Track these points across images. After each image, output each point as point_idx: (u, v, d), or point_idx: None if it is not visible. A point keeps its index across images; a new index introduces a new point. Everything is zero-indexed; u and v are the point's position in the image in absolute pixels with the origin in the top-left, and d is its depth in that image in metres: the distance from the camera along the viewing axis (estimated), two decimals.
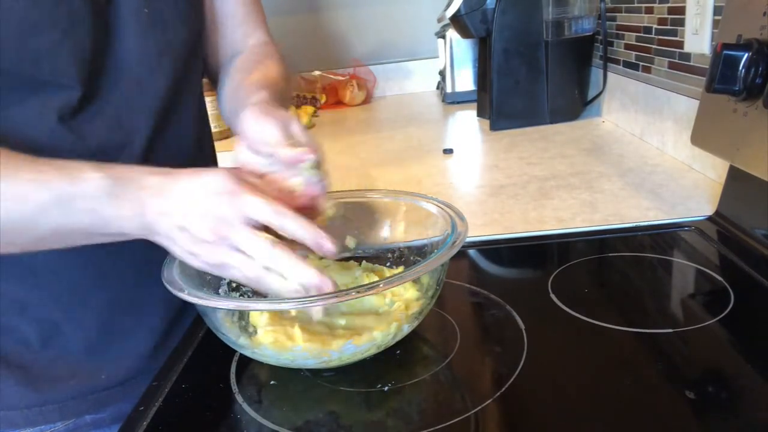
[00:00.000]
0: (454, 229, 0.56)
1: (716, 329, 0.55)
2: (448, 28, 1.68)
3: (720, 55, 0.65)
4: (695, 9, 0.95)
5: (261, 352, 0.53)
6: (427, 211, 0.63)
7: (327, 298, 0.46)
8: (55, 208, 0.46)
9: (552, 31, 1.35)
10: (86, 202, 0.47)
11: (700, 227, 0.76)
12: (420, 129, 1.53)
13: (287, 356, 0.53)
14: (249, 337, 0.56)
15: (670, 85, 1.07)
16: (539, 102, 1.40)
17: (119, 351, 0.63)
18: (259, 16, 0.79)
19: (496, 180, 1.05)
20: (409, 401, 0.51)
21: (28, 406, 0.60)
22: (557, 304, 0.62)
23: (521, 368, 0.52)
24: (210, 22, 0.73)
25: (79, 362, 0.62)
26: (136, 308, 0.64)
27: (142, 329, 0.65)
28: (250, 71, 0.68)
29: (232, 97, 0.67)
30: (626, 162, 1.07)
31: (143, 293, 0.64)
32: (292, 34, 2.01)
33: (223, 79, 0.73)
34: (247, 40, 0.76)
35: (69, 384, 0.62)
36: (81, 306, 0.61)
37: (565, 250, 0.79)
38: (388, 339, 0.53)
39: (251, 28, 0.77)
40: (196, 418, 0.51)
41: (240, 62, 0.72)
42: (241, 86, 0.65)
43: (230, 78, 0.71)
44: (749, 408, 0.46)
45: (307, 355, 0.52)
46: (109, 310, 0.62)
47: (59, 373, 0.61)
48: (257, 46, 0.75)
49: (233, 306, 0.54)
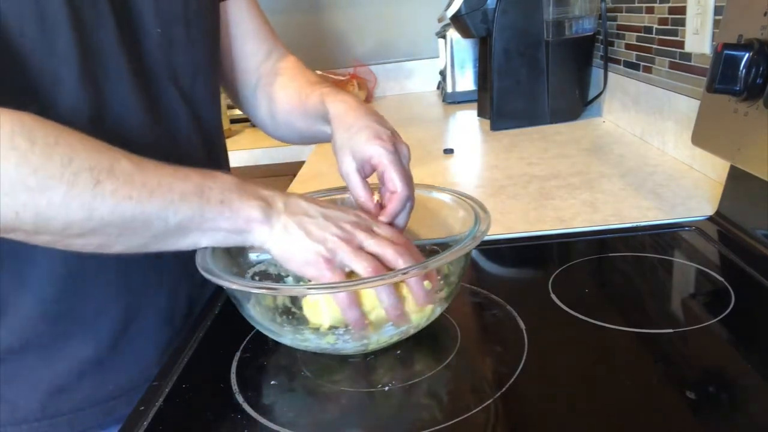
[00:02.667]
0: (477, 219, 0.58)
1: (717, 329, 0.55)
2: (448, 27, 1.68)
3: (721, 55, 0.64)
4: (696, 9, 0.95)
5: (302, 337, 0.54)
6: (443, 202, 0.64)
7: (377, 280, 0.50)
8: (194, 195, 0.49)
9: (552, 31, 1.35)
10: (218, 193, 0.50)
11: (700, 227, 0.76)
12: (420, 129, 1.53)
13: (328, 339, 0.53)
14: (292, 323, 0.56)
15: (671, 85, 1.07)
16: (540, 102, 1.40)
17: (127, 361, 0.63)
18: (272, 31, 0.83)
19: (497, 180, 1.05)
20: (410, 401, 0.51)
21: (38, 419, 0.60)
22: (558, 304, 0.61)
23: (522, 368, 0.52)
24: (226, 42, 0.76)
25: (89, 374, 0.62)
26: (145, 318, 0.64)
27: (149, 338, 0.64)
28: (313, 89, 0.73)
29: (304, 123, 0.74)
30: (627, 162, 1.07)
31: (151, 302, 0.64)
32: (292, 34, 2.01)
33: (271, 102, 0.79)
34: (271, 57, 0.81)
35: (77, 396, 0.62)
36: (96, 317, 0.61)
37: (565, 250, 0.79)
38: (423, 321, 0.55)
39: (271, 45, 0.81)
40: (196, 418, 0.51)
41: (295, 93, 0.76)
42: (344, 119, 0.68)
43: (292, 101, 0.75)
44: (749, 408, 0.46)
45: (348, 338, 0.53)
46: (123, 320, 0.62)
47: (69, 386, 0.61)
48: (292, 61, 0.82)
49: (296, 292, 0.57)
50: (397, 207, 0.59)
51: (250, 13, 0.79)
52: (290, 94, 0.75)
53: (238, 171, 1.51)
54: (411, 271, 0.50)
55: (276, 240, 0.52)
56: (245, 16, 0.78)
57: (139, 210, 0.47)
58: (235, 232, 0.51)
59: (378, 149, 0.59)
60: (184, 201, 0.48)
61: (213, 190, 0.50)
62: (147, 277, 0.63)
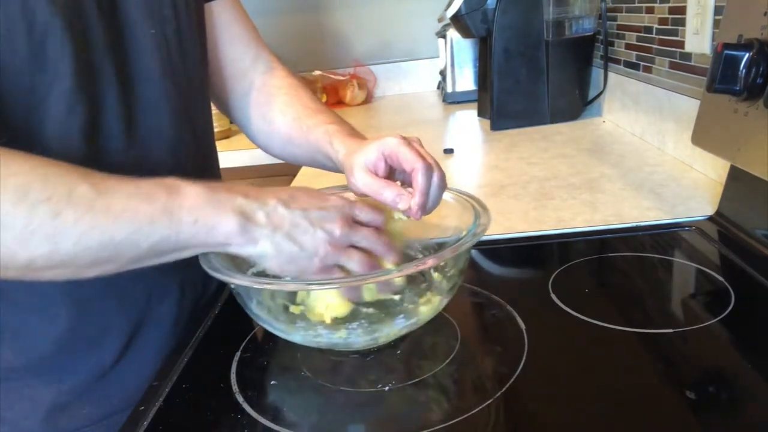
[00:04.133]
0: (477, 215, 0.58)
1: (717, 329, 0.55)
2: (448, 27, 1.68)
3: (721, 55, 0.64)
4: (696, 9, 0.95)
5: (315, 333, 0.54)
6: (452, 203, 0.63)
7: (382, 275, 0.52)
8: (164, 217, 0.46)
9: (553, 31, 1.35)
10: (189, 212, 0.47)
11: (700, 227, 0.76)
12: (420, 129, 1.53)
13: (340, 334, 0.53)
14: (305, 319, 0.56)
15: (671, 85, 1.07)
16: (540, 102, 1.40)
17: (132, 373, 0.63)
18: (257, 34, 0.80)
19: (497, 180, 1.05)
20: (410, 401, 0.51)
21: None
22: (558, 304, 0.61)
23: (522, 368, 0.52)
24: (211, 45, 0.73)
25: (92, 389, 0.61)
26: (150, 329, 0.63)
27: (155, 349, 0.64)
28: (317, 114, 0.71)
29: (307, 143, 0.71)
30: (627, 162, 1.07)
31: (156, 314, 0.64)
32: (292, 34, 2.01)
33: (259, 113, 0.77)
34: (258, 63, 0.78)
35: (82, 412, 0.61)
36: (102, 333, 0.60)
37: (565, 250, 0.79)
38: (433, 312, 0.56)
39: (257, 49, 0.78)
40: (196, 418, 0.51)
41: (298, 108, 0.73)
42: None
43: (288, 116, 0.73)
44: (749, 408, 0.46)
45: (360, 332, 0.53)
46: (125, 333, 0.62)
47: (75, 403, 0.61)
48: (284, 78, 0.78)
49: (302, 287, 0.56)
50: (423, 182, 0.54)
51: (234, 15, 0.76)
52: (289, 122, 0.72)
53: (238, 171, 1.52)
54: (405, 268, 0.51)
55: (264, 254, 0.50)
56: (230, 18, 0.75)
57: (107, 239, 0.44)
58: (215, 247, 0.49)
59: (384, 141, 0.57)
60: (154, 225, 0.46)
61: (183, 208, 0.47)
62: (152, 290, 0.63)
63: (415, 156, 0.54)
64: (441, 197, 0.57)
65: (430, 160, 0.56)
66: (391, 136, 0.57)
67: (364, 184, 0.57)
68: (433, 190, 0.55)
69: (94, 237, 0.44)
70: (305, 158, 0.73)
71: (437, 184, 0.55)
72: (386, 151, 0.56)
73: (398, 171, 0.58)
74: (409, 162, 0.54)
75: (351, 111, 1.90)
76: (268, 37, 0.83)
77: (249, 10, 0.79)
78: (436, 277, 0.60)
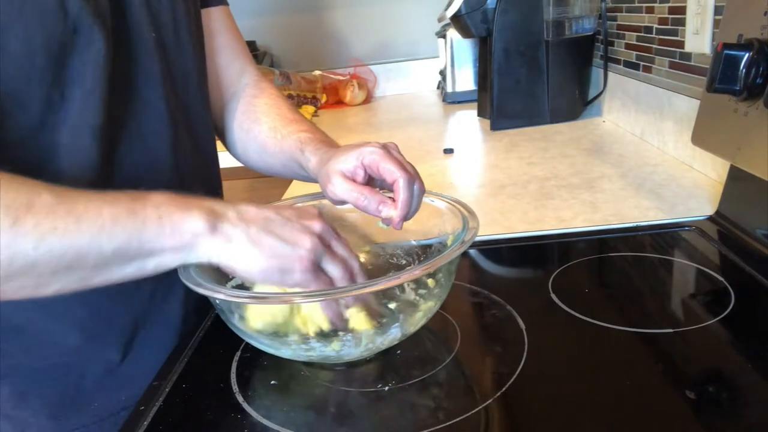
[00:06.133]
0: (465, 223, 0.57)
1: (717, 329, 0.55)
2: (448, 27, 1.68)
3: (721, 54, 0.64)
4: (696, 9, 0.95)
5: (307, 346, 0.53)
6: (436, 207, 0.63)
7: (367, 286, 0.50)
8: (128, 218, 0.45)
9: (552, 31, 1.35)
10: (153, 209, 0.46)
11: (700, 227, 0.76)
12: (420, 129, 1.53)
13: (334, 347, 0.53)
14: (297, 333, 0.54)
15: (671, 85, 1.07)
16: (540, 102, 1.40)
17: (136, 370, 0.63)
18: (245, 46, 0.80)
19: (497, 180, 1.05)
20: (410, 401, 0.51)
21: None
22: (558, 304, 0.61)
23: (522, 368, 0.52)
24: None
25: (101, 386, 0.61)
26: (156, 327, 0.64)
27: (162, 345, 0.64)
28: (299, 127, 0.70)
29: (280, 150, 0.70)
30: (627, 162, 1.07)
31: (162, 312, 0.64)
32: (292, 34, 2.01)
33: (240, 125, 0.76)
34: (243, 75, 0.78)
35: (90, 409, 0.61)
36: (105, 330, 0.60)
37: (565, 249, 0.79)
38: (428, 317, 0.56)
39: (244, 61, 0.78)
40: (196, 418, 0.51)
41: (279, 121, 0.73)
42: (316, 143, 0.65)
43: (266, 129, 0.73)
44: (749, 408, 0.46)
45: (353, 344, 0.53)
46: (131, 330, 0.62)
47: (82, 400, 0.61)
48: (267, 89, 0.77)
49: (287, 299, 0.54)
50: (406, 194, 0.54)
51: (225, 24, 0.76)
52: (265, 131, 0.72)
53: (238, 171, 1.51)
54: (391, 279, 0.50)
55: (242, 253, 0.47)
56: (221, 27, 0.75)
57: (67, 242, 0.43)
58: (181, 249, 0.47)
59: (362, 151, 0.56)
60: (117, 224, 0.44)
61: (146, 208, 0.46)
62: (156, 290, 0.63)
63: (396, 167, 0.55)
64: (420, 204, 0.58)
65: (410, 169, 0.56)
66: (369, 145, 0.57)
67: (343, 191, 0.56)
68: (414, 199, 0.56)
69: (54, 241, 0.42)
70: (279, 167, 0.72)
71: (417, 193, 0.56)
72: (366, 161, 0.56)
73: (377, 180, 0.58)
74: (390, 173, 0.55)
75: (351, 111, 1.90)
76: (269, 37, 0.83)
77: (250, 10, 0.79)
78: (430, 283, 0.60)
